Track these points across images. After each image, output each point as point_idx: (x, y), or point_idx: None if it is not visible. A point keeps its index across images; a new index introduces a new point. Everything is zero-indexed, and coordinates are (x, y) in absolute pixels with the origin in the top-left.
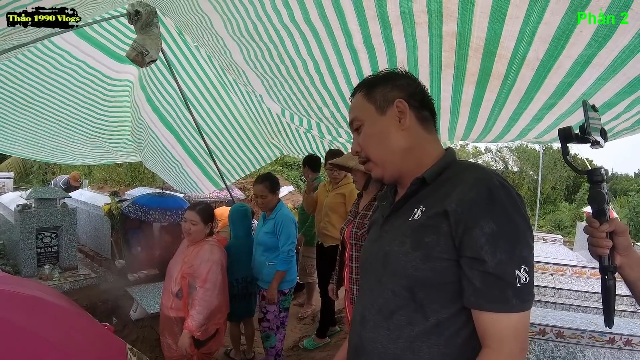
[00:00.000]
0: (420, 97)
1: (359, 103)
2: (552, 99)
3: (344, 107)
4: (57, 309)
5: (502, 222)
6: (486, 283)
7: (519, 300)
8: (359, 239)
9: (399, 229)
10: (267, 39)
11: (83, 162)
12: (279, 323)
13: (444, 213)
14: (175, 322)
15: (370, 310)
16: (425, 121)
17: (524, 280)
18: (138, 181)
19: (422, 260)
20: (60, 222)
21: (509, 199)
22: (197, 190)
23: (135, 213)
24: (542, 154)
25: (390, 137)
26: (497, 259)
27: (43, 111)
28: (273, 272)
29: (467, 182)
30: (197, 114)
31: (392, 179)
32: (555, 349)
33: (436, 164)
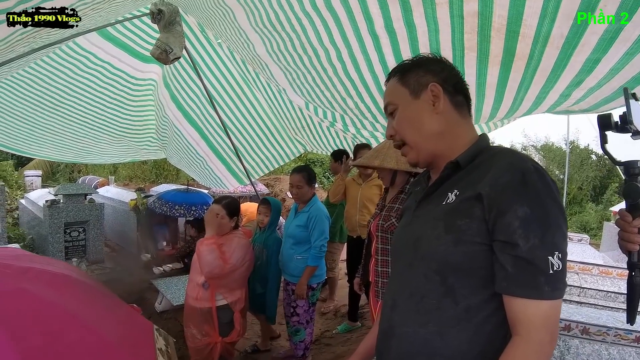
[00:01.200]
0: (455, 81)
1: (393, 87)
2: (579, 76)
3: (368, 97)
4: (85, 287)
5: (535, 206)
6: (518, 268)
7: (550, 288)
8: (385, 230)
9: (432, 213)
10: (290, 28)
11: (109, 161)
12: (308, 317)
13: (477, 196)
14: (200, 313)
15: (401, 294)
16: (460, 106)
17: (556, 267)
18: (163, 178)
19: (454, 243)
20: (87, 217)
21: (543, 183)
22: (222, 186)
23: (161, 208)
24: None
25: (424, 120)
26: (530, 243)
27: (70, 113)
28: (300, 267)
29: (501, 166)
30: (221, 110)
31: (426, 162)
32: (580, 345)
33: (470, 148)
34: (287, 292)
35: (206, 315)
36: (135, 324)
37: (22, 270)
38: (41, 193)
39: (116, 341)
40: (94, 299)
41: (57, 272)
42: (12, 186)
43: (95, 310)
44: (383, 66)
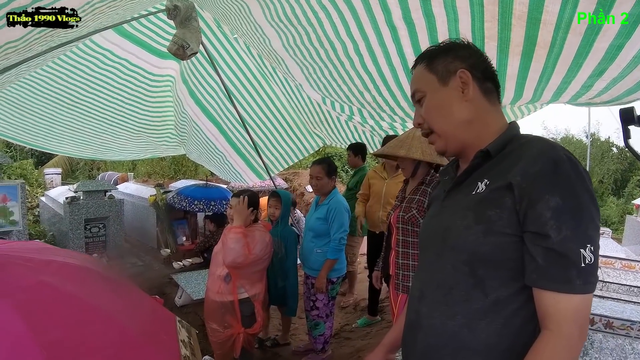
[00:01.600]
0: (483, 67)
1: (420, 74)
2: (602, 65)
3: (385, 90)
4: (107, 280)
5: (568, 196)
6: (549, 260)
7: (582, 281)
8: (406, 222)
9: (461, 203)
10: (306, 22)
11: (128, 157)
12: (328, 311)
13: (508, 186)
14: (222, 306)
15: (429, 285)
16: (489, 92)
17: (588, 260)
18: (181, 174)
19: (484, 234)
20: (107, 213)
21: (576, 173)
22: (242, 180)
23: (180, 203)
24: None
25: (453, 108)
26: (562, 235)
27: (89, 110)
28: (320, 260)
29: (532, 154)
30: (239, 105)
31: (455, 151)
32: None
33: (500, 136)
34: (306, 285)
35: (228, 308)
36: (157, 315)
37: (44, 263)
38: (61, 190)
39: (139, 333)
40: (116, 291)
41: (79, 265)
42: (32, 184)
43: (117, 303)
44: (401, 58)
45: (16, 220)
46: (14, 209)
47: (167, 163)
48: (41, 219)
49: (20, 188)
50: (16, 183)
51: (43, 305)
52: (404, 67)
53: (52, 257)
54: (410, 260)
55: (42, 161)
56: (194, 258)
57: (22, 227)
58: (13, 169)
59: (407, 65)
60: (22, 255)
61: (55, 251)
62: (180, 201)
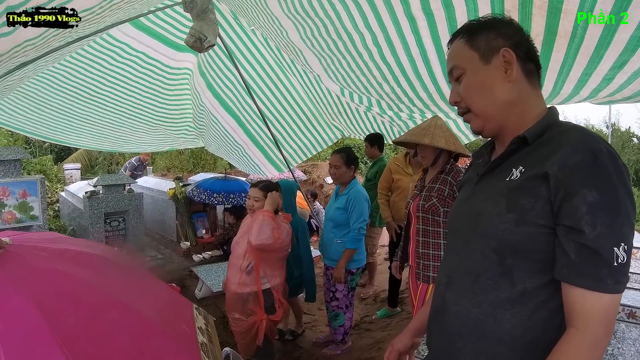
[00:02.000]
0: (527, 47)
1: (460, 50)
2: (623, 56)
3: (404, 81)
4: (124, 268)
5: (605, 192)
6: (581, 256)
7: (613, 281)
8: (426, 211)
9: (494, 189)
10: (323, 14)
11: (147, 150)
12: (347, 302)
13: (544, 176)
14: (242, 298)
15: (457, 271)
16: (531, 74)
17: (621, 259)
18: (200, 167)
19: (516, 223)
20: (127, 207)
21: (615, 167)
22: (261, 173)
23: (200, 196)
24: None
25: (495, 88)
26: (597, 231)
27: (106, 103)
28: (340, 250)
29: (571, 144)
30: (257, 97)
31: (492, 133)
32: (626, 329)
33: (539, 122)
34: (326, 276)
35: (250, 298)
36: (174, 303)
37: (59, 252)
38: (81, 185)
39: (156, 320)
40: (132, 280)
41: (94, 254)
42: (51, 180)
43: (133, 291)
44: (420, 49)
45: (36, 215)
46: (34, 204)
47: (186, 156)
48: (61, 213)
49: (40, 183)
50: (36, 178)
51: (57, 293)
52: (423, 58)
53: (68, 246)
54: (430, 249)
55: (61, 157)
56: (213, 251)
57: (42, 221)
58: (32, 164)
59: (426, 55)
60: (37, 245)
61: (71, 241)
62: (199, 194)
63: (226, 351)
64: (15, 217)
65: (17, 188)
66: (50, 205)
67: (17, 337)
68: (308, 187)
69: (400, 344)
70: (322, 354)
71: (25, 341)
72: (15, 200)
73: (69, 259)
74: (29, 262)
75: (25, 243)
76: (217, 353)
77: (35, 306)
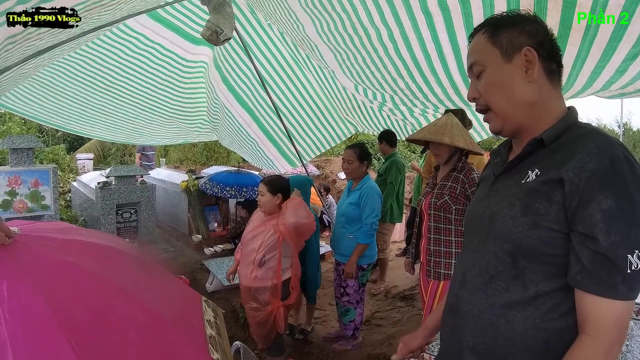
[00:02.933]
0: (550, 46)
1: (481, 45)
2: (636, 48)
3: (419, 76)
4: (133, 260)
5: (621, 199)
6: (595, 263)
7: (627, 288)
8: (438, 209)
9: (510, 190)
10: (340, 8)
11: (160, 143)
12: (358, 298)
13: (559, 181)
14: (255, 291)
15: (472, 271)
16: (552, 74)
17: (634, 266)
18: (213, 160)
19: (530, 227)
20: (139, 198)
21: (632, 174)
22: (274, 167)
23: (212, 190)
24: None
25: (515, 87)
26: (611, 239)
27: (121, 94)
28: (352, 246)
29: (588, 149)
30: (272, 92)
31: (511, 132)
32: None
33: (556, 124)
34: (337, 272)
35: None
36: (183, 295)
37: (67, 243)
38: (93, 175)
39: (164, 313)
40: (141, 271)
41: (103, 245)
42: (64, 169)
43: (142, 283)
44: (436, 44)
45: (48, 205)
46: (45, 194)
47: (199, 149)
48: (73, 204)
49: (52, 173)
50: (48, 168)
51: (64, 284)
52: (439, 54)
53: (76, 236)
54: (442, 247)
55: (74, 147)
56: (225, 244)
57: (54, 211)
58: (45, 154)
59: (441, 51)
60: (44, 235)
61: (79, 231)
62: (212, 187)
63: (236, 345)
64: (27, 206)
65: (29, 177)
66: (62, 195)
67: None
68: (321, 182)
69: (414, 343)
70: (332, 349)
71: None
72: (27, 189)
73: (77, 250)
74: (37, 252)
75: (33, 233)
76: (225, 346)
77: (42, 298)
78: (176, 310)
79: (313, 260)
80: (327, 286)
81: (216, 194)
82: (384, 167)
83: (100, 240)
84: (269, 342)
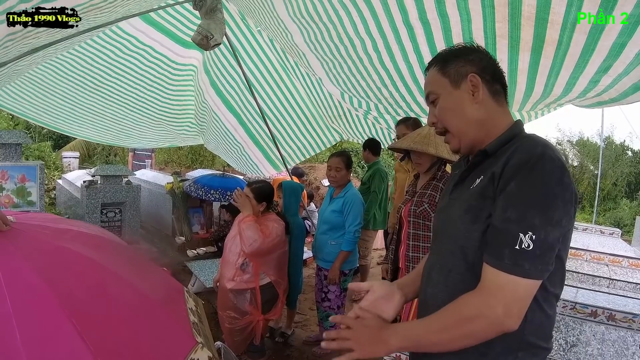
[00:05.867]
0: (492, 70)
1: (434, 77)
2: (607, 61)
3: (402, 86)
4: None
5: (524, 185)
6: (490, 235)
7: (512, 262)
8: (417, 216)
9: (461, 197)
10: (327, 19)
11: (147, 145)
12: (339, 303)
13: (491, 176)
14: (237, 295)
15: (434, 269)
16: (497, 94)
17: (525, 245)
18: (198, 163)
19: (472, 222)
20: (124, 198)
21: (544, 169)
22: (258, 172)
23: (197, 192)
24: (603, 148)
25: (465, 110)
26: (506, 215)
27: (110, 95)
28: (334, 252)
29: (515, 150)
30: (260, 97)
31: (467, 149)
32: (606, 331)
33: (500, 136)
34: (319, 277)
35: (247, 296)
36: (168, 283)
37: (60, 231)
38: (79, 174)
39: (154, 297)
40: (129, 259)
41: (93, 234)
42: (49, 167)
43: (131, 269)
44: (417, 55)
45: (34, 201)
46: (32, 190)
47: (185, 152)
48: (57, 201)
49: (39, 169)
50: (36, 164)
51: (61, 266)
52: (420, 64)
53: (68, 226)
54: (420, 253)
55: (59, 144)
56: (208, 247)
57: (40, 208)
58: (31, 150)
59: (423, 62)
60: (38, 224)
61: (70, 222)
62: (196, 190)
63: (218, 345)
64: (13, 201)
65: (16, 172)
66: (47, 192)
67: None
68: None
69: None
70: (312, 352)
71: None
72: (13, 184)
73: (71, 237)
74: (35, 238)
75: (27, 222)
76: (207, 333)
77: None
78: (162, 295)
79: (296, 265)
80: (309, 291)
81: (200, 197)
82: (368, 175)
83: (90, 231)
84: (241, 350)
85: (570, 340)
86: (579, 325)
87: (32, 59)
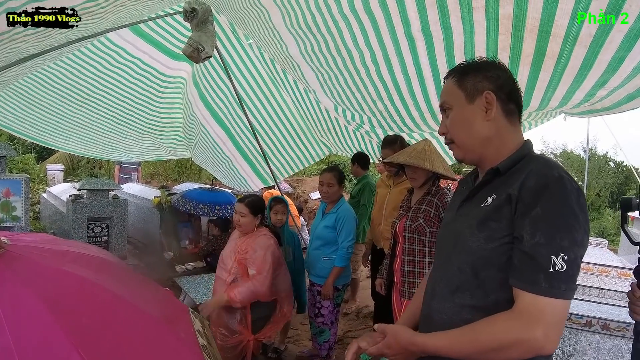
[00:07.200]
0: (509, 90)
1: (450, 88)
2: (605, 76)
3: (398, 99)
4: (122, 270)
5: (548, 208)
6: (521, 261)
7: (548, 285)
8: (412, 231)
9: (472, 213)
10: (325, 30)
11: (134, 159)
12: (333, 318)
13: (508, 197)
14: (225, 312)
15: (439, 284)
16: (510, 114)
17: (559, 267)
18: (185, 177)
19: (486, 241)
20: (111, 213)
21: (562, 190)
22: (247, 186)
23: (185, 206)
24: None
25: (475, 125)
26: (535, 240)
27: (98, 107)
28: (327, 267)
29: (531, 172)
30: (249, 110)
31: (472, 162)
32: (601, 340)
33: (511, 156)
34: (312, 292)
35: (236, 315)
36: (173, 305)
37: (61, 253)
38: (64, 187)
39: (162, 321)
40: (132, 281)
41: (94, 255)
42: (34, 180)
43: (135, 291)
44: (416, 68)
45: (19, 216)
46: (16, 204)
47: (171, 165)
48: (42, 215)
49: (24, 183)
50: (21, 177)
51: (64, 292)
52: (419, 77)
53: (67, 248)
54: (416, 267)
55: (43, 157)
56: (197, 262)
57: (25, 223)
58: (15, 162)
59: (421, 74)
60: (36, 246)
61: (68, 242)
62: (185, 204)
63: None
64: None
65: (0, 186)
66: (31, 206)
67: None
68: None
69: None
70: None
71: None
72: None
73: (71, 260)
74: (34, 262)
75: (23, 244)
76: (216, 355)
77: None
78: (169, 318)
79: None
80: None
81: (189, 211)
82: (357, 189)
83: (90, 252)
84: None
85: (567, 350)
86: (574, 336)
87: (19, 70)
